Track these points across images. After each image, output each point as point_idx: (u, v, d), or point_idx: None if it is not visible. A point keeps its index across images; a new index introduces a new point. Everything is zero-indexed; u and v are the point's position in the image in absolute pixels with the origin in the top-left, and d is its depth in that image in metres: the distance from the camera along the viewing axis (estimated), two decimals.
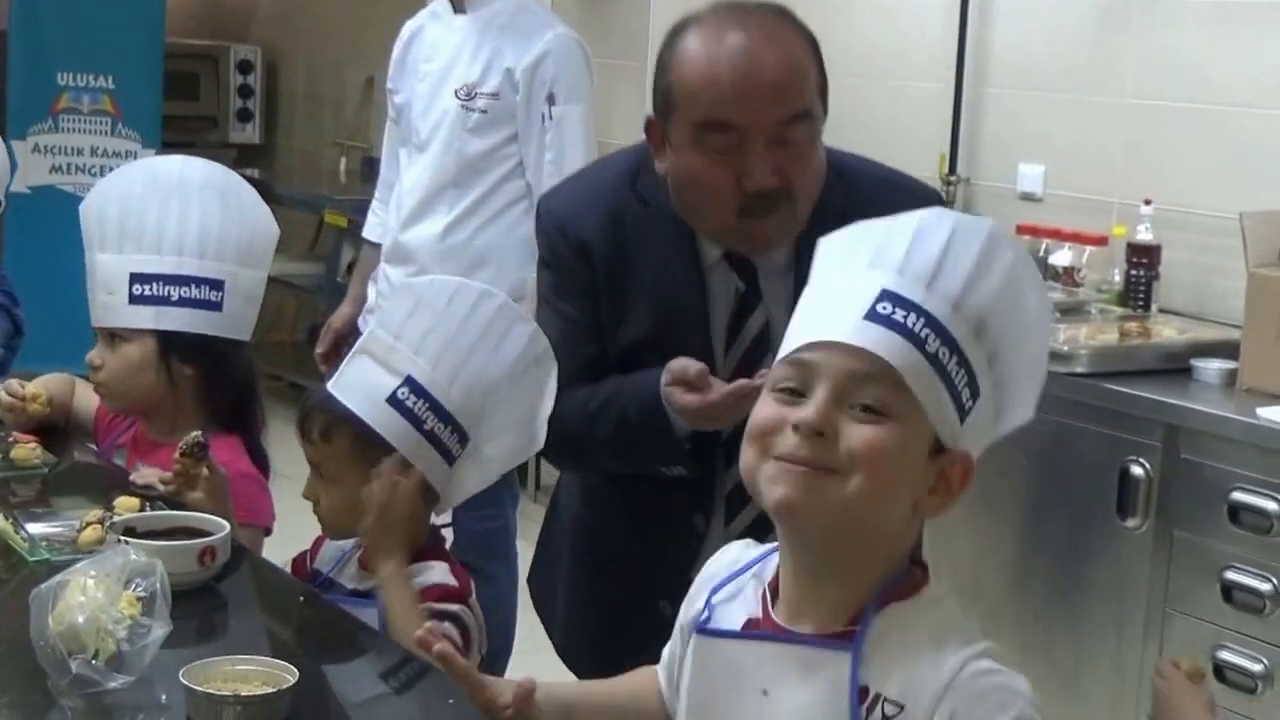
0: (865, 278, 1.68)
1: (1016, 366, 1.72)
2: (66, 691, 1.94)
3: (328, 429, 2.44)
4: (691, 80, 2.29)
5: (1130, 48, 4.47)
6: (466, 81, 4.18)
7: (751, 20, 2.32)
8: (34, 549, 2.43)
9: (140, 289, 2.76)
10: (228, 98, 8.40)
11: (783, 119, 2.27)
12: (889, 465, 1.63)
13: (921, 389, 1.63)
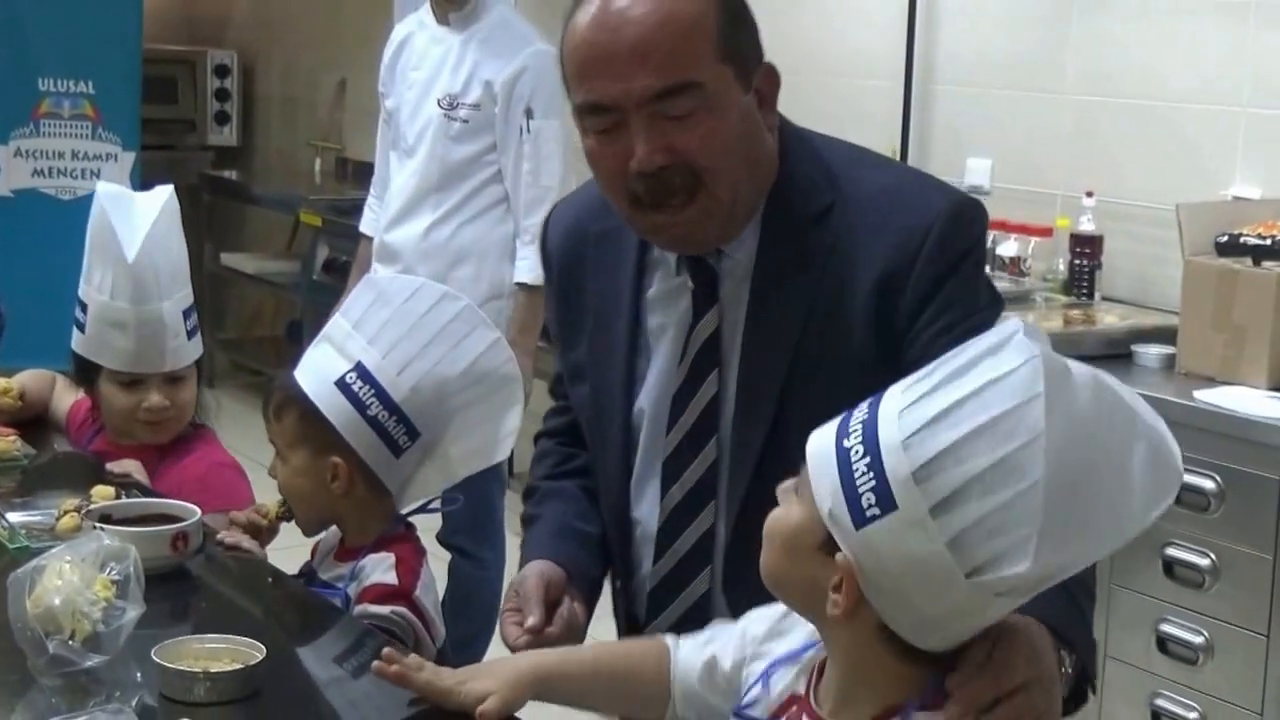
0: (889, 407, 1.53)
1: (967, 489, 1.47)
2: (44, 670, 1.95)
3: (280, 407, 2.45)
4: (567, 61, 2.00)
5: (1072, 46, 4.50)
6: (449, 92, 4.21)
7: None
8: (13, 537, 2.43)
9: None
10: (205, 101, 8.34)
11: (657, 90, 1.89)
12: (772, 536, 1.60)
13: (814, 468, 1.54)
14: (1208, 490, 3.47)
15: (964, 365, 1.50)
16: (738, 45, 1.94)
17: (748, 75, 1.95)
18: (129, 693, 1.92)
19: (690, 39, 1.89)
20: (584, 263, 2.16)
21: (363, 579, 2.36)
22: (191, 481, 2.75)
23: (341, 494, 2.41)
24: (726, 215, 1.99)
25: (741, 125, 1.95)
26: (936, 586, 1.49)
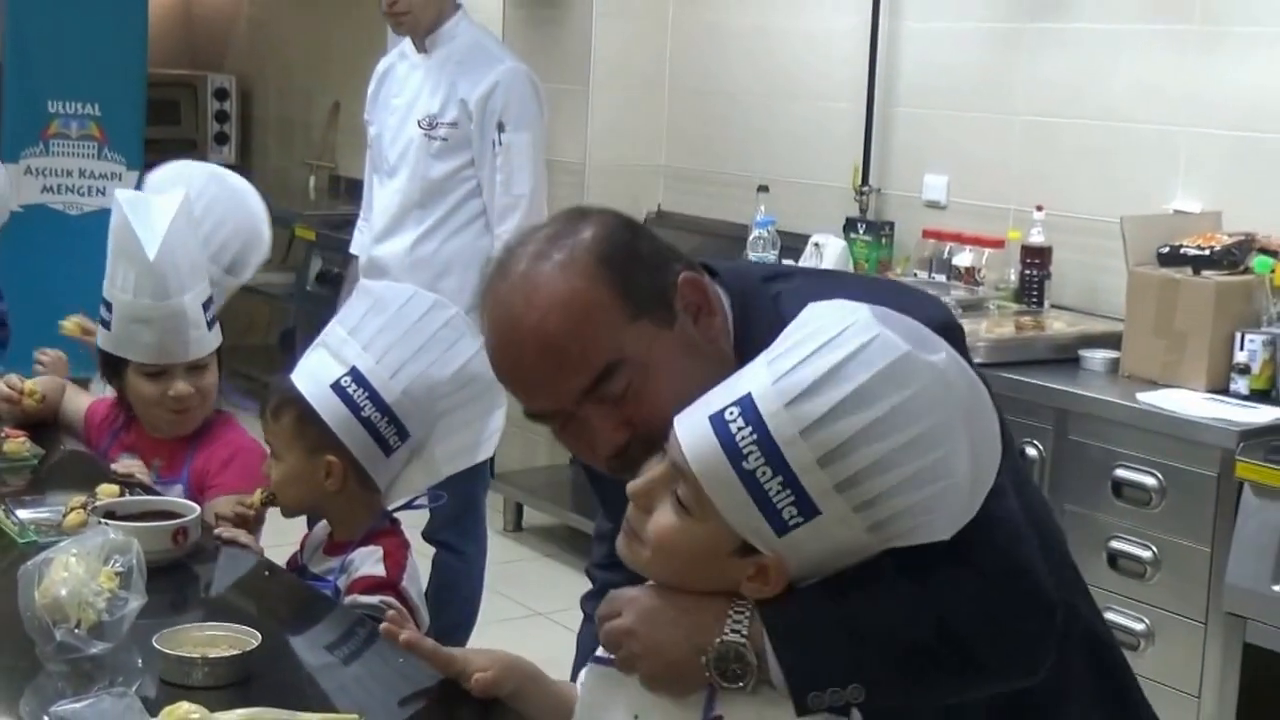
0: (749, 375, 1.54)
1: (897, 489, 1.50)
2: (52, 657, 1.95)
3: (277, 408, 2.46)
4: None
5: (1023, 71, 4.52)
6: (428, 113, 4.23)
7: (506, 298, 1.72)
8: (23, 532, 2.44)
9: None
10: (206, 122, 8.30)
11: (585, 387, 1.70)
12: (675, 555, 1.57)
13: (720, 500, 1.51)
14: (1149, 486, 3.49)
15: (860, 389, 1.48)
16: (641, 295, 1.72)
17: (666, 311, 1.73)
18: (131, 677, 1.93)
19: (591, 329, 1.69)
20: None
21: (352, 571, 2.38)
22: (218, 465, 2.76)
23: (334, 491, 2.42)
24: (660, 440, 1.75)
25: (683, 362, 1.73)
26: (850, 554, 1.55)
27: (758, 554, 1.53)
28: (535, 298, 1.69)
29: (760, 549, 1.53)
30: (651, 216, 5.96)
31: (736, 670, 1.55)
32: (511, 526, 5.96)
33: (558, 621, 5.08)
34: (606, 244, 1.73)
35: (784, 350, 1.54)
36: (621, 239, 1.75)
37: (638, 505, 1.59)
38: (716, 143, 5.66)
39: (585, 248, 1.72)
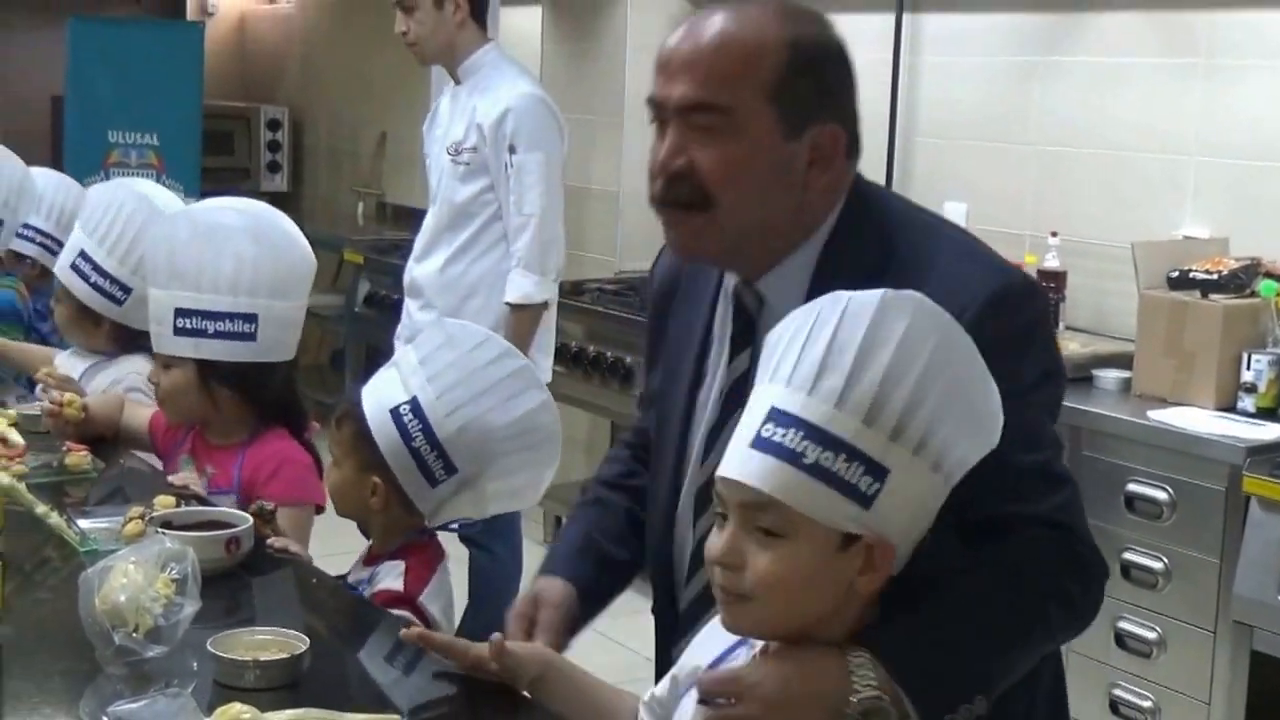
0: (761, 396, 1.57)
1: (933, 421, 1.54)
2: (111, 660, 1.95)
3: (341, 418, 2.45)
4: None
5: (1038, 103, 4.52)
6: (454, 140, 4.26)
7: (739, 6, 1.83)
8: (84, 541, 2.44)
9: (182, 322, 2.75)
10: (259, 152, 8.36)
11: (690, 101, 1.77)
12: (788, 586, 1.54)
13: (803, 504, 1.52)
14: (1160, 500, 3.48)
15: (865, 340, 1.54)
16: (795, 94, 1.77)
17: (798, 125, 1.78)
18: (186, 680, 1.93)
19: (737, 67, 1.76)
20: (676, 295, 2.02)
21: (374, 583, 2.39)
22: (266, 475, 2.74)
23: (377, 509, 2.42)
24: (729, 244, 1.83)
25: (766, 167, 1.79)
26: (929, 505, 1.58)
27: (857, 543, 1.54)
28: (741, 14, 1.79)
29: (859, 532, 1.53)
30: None
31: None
32: (551, 538, 5.96)
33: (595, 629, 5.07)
34: (813, 42, 1.80)
35: (778, 360, 1.57)
36: (824, 52, 1.82)
37: (726, 566, 1.56)
38: None
39: (797, 30, 1.79)
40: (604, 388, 5.39)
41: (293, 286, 2.81)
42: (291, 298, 2.81)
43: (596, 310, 5.47)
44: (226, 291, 2.73)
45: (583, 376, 5.47)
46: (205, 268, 2.73)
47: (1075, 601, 1.72)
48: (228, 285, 2.73)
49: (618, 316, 5.37)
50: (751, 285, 1.88)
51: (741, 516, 1.55)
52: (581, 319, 5.52)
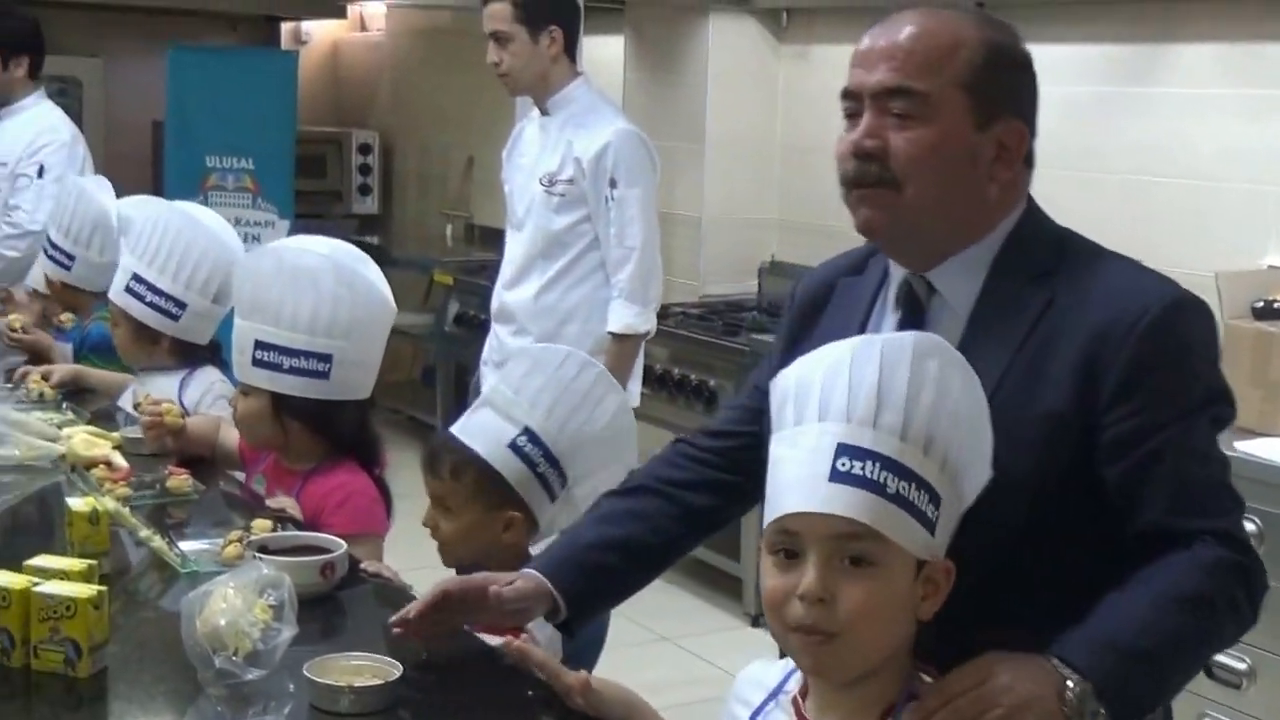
0: (820, 433, 1.58)
1: (961, 452, 1.62)
2: (211, 682, 1.98)
3: (456, 468, 2.47)
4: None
5: (1122, 133, 4.48)
6: (548, 171, 4.28)
7: (935, 9, 1.89)
8: (185, 563, 2.47)
9: (261, 354, 2.78)
10: (350, 175, 8.43)
11: (888, 86, 1.82)
12: (879, 616, 1.56)
13: (893, 530, 1.55)
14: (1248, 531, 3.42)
15: (911, 380, 1.61)
16: (987, 85, 1.83)
17: (987, 117, 1.83)
18: (283, 703, 1.95)
19: (936, 55, 1.82)
20: (824, 309, 2.04)
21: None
22: (333, 505, 2.76)
23: (511, 542, 2.46)
24: (909, 225, 1.86)
25: (952, 154, 1.83)
26: (951, 530, 1.64)
27: (923, 569, 1.59)
28: (939, 13, 1.86)
29: (928, 557, 1.59)
30: (765, 266, 5.96)
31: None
32: None
33: (683, 646, 5.08)
34: (1007, 45, 1.87)
35: (820, 399, 1.60)
36: (1015, 57, 1.88)
37: (816, 601, 1.55)
38: (827, 196, 5.62)
39: (993, 33, 1.86)
40: (688, 409, 5.39)
41: (369, 330, 2.83)
42: (368, 341, 2.83)
43: (680, 334, 5.48)
44: (304, 330, 2.76)
45: (667, 399, 5.48)
46: (286, 304, 2.76)
47: (1244, 615, 1.75)
48: (306, 324, 2.76)
49: (701, 340, 5.38)
50: (922, 276, 1.90)
51: (830, 549, 1.56)
52: (665, 342, 5.53)
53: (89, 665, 2.02)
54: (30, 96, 5.24)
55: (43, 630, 2.02)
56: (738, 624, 5.30)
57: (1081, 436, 1.74)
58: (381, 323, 2.86)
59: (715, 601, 5.48)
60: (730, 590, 5.41)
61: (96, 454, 3.03)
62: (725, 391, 5.24)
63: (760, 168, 5.94)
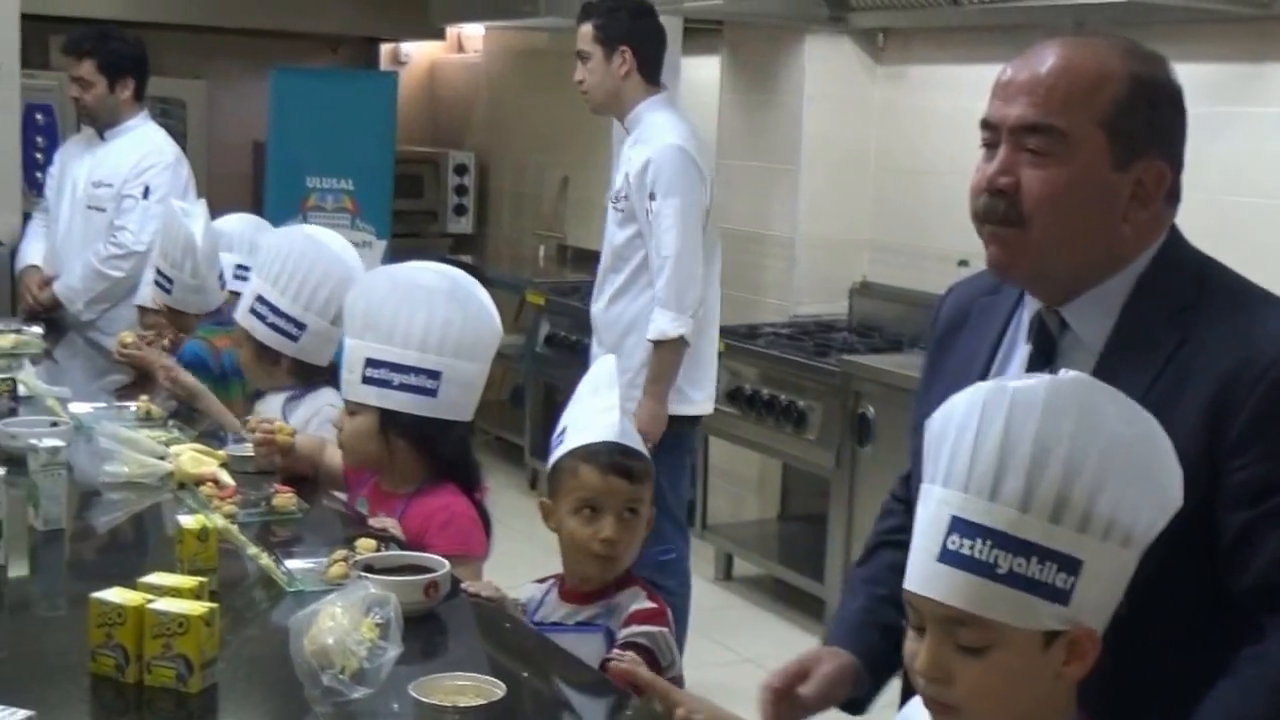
0: (939, 502, 1.54)
1: (1122, 492, 1.51)
2: (319, 700, 2.00)
3: (646, 471, 2.52)
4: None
5: (1219, 156, 4.43)
6: (615, 188, 4.46)
7: (1081, 38, 1.85)
8: (291, 581, 2.50)
9: (371, 372, 2.82)
10: (446, 195, 8.50)
11: (1027, 122, 1.79)
12: (998, 695, 1.52)
13: (1004, 614, 1.49)
14: None
15: (1038, 436, 1.50)
16: (1129, 124, 1.78)
17: (1127, 157, 1.79)
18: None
19: (1076, 92, 1.78)
20: (963, 328, 2.03)
21: (621, 611, 2.44)
22: (436, 527, 2.78)
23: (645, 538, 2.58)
24: (1035, 265, 1.84)
25: (1085, 195, 1.79)
26: (1125, 577, 1.55)
27: (1060, 638, 1.51)
28: (1085, 44, 1.81)
29: (1061, 628, 1.50)
30: (856, 288, 5.95)
31: None
32: (721, 576, 5.97)
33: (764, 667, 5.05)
34: (1152, 80, 1.82)
35: (948, 461, 1.54)
36: (1162, 92, 1.83)
37: (933, 679, 1.54)
38: (919, 218, 5.64)
39: (1139, 66, 1.81)
40: (777, 430, 5.39)
41: (478, 351, 2.88)
42: (476, 361, 2.87)
43: (770, 354, 5.48)
44: (415, 347, 2.81)
45: (756, 419, 5.48)
46: (400, 321, 2.81)
47: None
48: (417, 341, 2.81)
49: (791, 360, 5.38)
50: (1055, 311, 1.88)
51: (941, 630, 1.52)
52: (755, 362, 5.54)
53: (200, 681, 2.06)
54: (135, 118, 5.33)
55: (156, 646, 2.07)
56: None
57: (1209, 479, 1.69)
58: (489, 344, 2.91)
59: (799, 623, 5.47)
60: (814, 612, 5.40)
61: (204, 471, 3.09)
62: (814, 412, 5.24)
63: (854, 188, 5.93)
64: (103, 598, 2.11)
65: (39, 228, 5.56)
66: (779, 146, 5.98)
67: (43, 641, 2.37)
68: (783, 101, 5.96)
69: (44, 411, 3.61)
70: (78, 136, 5.60)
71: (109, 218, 5.23)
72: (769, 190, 6.03)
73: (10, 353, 4.41)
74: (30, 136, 6.72)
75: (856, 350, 5.33)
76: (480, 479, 2.93)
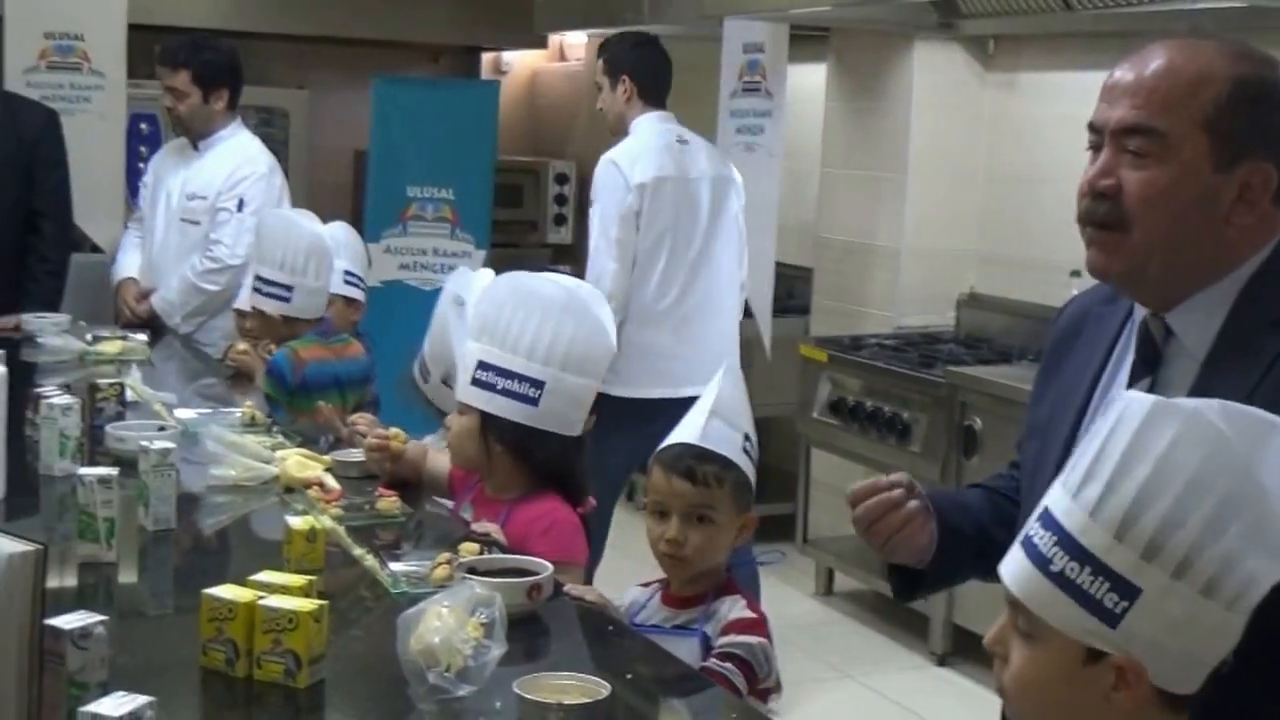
0: (1048, 494, 1.56)
1: (1205, 537, 1.46)
2: (424, 697, 2.07)
3: (719, 476, 2.57)
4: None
5: None
6: None
7: (1189, 40, 1.88)
8: (395, 583, 2.57)
9: (481, 374, 2.88)
10: (546, 205, 8.55)
11: (1127, 124, 1.83)
12: (1033, 688, 1.55)
13: (1044, 610, 1.51)
14: None
15: (1126, 450, 1.48)
16: (1231, 125, 1.81)
17: (1230, 158, 1.81)
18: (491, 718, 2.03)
19: (1178, 93, 1.81)
20: (1078, 337, 2.06)
21: (720, 618, 2.50)
22: (538, 532, 2.84)
23: (743, 542, 2.68)
24: (1135, 269, 1.87)
25: (1190, 196, 1.82)
26: (1209, 633, 1.49)
27: (1105, 659, 1.50)
28: (1190, 46, 1.85)
29: (1103, 648, 1.49)
30: (964, 299, 5.95)
31: None
32: (823, 590, 5.99)
33: (865, 683, 5.09)
34: (1258, 81, 1.83)
35: (1074, 458, 1.55)
36: (1268, 93, 1.83)
37: (997, 656, 1.58)
38: (1030, 228, 5.63)
39: (1243, 68, 1.83)
40: (880, 442, 5.41)
41: (587, 366, 2.90)
42: (584, 376, 2.90)
43: (874, 365, 5.50)
44: (523, 354, 2.86)
45: (859, 430, 5.50)
46: (512, 328, 2.87)
47: None
48: (525, 348, 2.86)
49: (894, 371, 5.39)
50: (1160, 317, 1.90)
51: (1010, 610, 1.57)
52: (859, 373, 5.56)
53: (307, 677, 2.13)
54: (229, 127, 5.41)
55: (265, 642, 2.14)
56: (923, 663, 5.29)
57: None
58: (599, 361, 2.93)
59: (901, 640, 5.48)
60: (917, 628, 5.41)
61: (309, 475, 3.18)
62: (919, 424, 5.25)
63: (961, 198, 5.94)
64: (214, 593, 2.20)
65: (134, 239, 5.66)
66: (885, 155, 5.99)
67: (153, 637, 2.46)
68: (890, 109, 5.98)
69: (151, 416, 3.72)
70: (170, 146, 5.71)
71: (204, 230, 5.30)
72: (874, 200, 6.04)
73: (117, 359, 4.55)
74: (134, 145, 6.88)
75: (963, 362, 5.33)
76: (585, 492, 2.97)
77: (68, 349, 4.63)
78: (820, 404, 5.76)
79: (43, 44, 6.07)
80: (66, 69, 6.11)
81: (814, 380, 5.80)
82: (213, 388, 4.34)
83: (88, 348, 4.63)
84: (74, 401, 3.27)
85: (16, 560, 1.76)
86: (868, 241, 6.09)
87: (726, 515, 2.58)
